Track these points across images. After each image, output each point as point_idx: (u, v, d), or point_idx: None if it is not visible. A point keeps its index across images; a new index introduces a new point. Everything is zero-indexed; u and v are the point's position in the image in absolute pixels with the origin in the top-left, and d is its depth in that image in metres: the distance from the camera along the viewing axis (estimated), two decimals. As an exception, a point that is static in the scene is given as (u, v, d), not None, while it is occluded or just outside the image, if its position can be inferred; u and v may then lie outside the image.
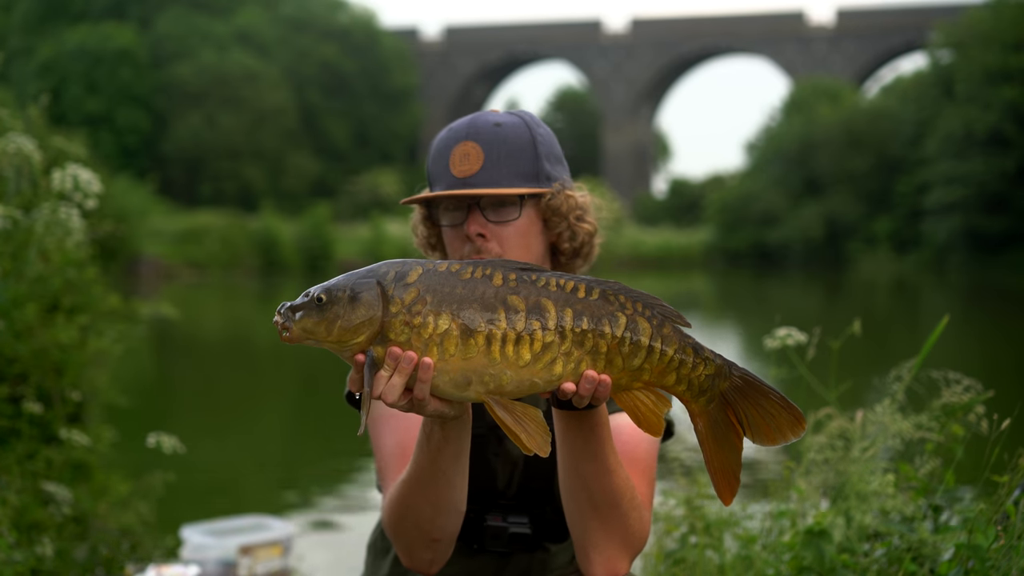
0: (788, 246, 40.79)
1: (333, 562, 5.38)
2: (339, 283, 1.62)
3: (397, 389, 1.60)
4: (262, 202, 40.26)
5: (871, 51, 54.91)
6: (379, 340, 1.61)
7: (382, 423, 2.06)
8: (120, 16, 47.88)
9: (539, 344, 1.61)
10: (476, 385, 1.61)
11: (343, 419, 9.46)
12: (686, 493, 3.15)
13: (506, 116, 2.09)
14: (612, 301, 1.64)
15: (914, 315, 20.83)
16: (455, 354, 1.60)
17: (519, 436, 1.62)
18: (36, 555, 3.33)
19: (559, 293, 1.63)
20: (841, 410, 3.03)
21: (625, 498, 1.86)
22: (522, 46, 59.79)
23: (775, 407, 1.66)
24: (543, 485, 2.11)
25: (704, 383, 1.67)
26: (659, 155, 68.17)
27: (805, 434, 1.67)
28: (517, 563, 2.14)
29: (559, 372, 1.62)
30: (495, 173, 2.03)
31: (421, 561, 1.94)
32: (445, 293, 1.61)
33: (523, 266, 1.66)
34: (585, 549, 1.89)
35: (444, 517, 1.88)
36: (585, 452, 1.81)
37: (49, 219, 3.86)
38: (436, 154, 2.08)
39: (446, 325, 1.60)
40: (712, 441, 1.69)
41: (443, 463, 1.81)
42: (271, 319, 1.63)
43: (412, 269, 1.63)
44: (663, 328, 1.65)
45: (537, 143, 2.07)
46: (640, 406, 1.68)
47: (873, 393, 3.08)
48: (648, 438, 2.02)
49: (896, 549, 2.64)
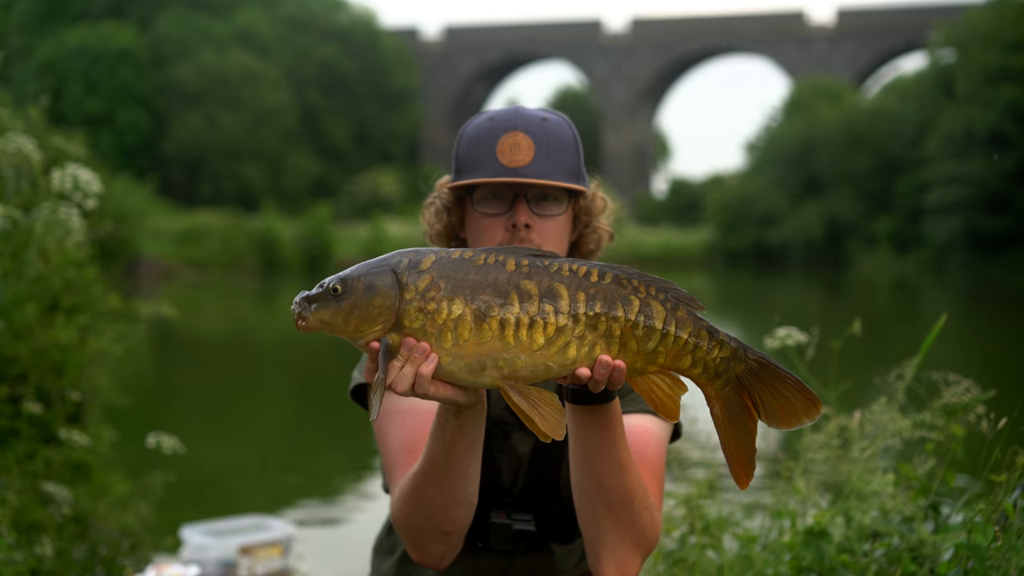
0: (788, 246, 40.77)
1: (333, 562, 5.39)
2: (354, 273, 1.63)
3: (408, 379, 1.60)
4: (262, 202, 40.24)
5: (871, 51, 54.88)
6: (394, 328, 1.62)
7: (389, 419, 2.05)
8: (120, 16, 47.84)
9: (552, 328, 1.61)
10: (491, 370, 1.62)
11: (343, 419, 9.46)
12: (686, 493, 3.15)
13: (549, 113, 2.11)
14: (625, 285, 1.64)
15: (914, 315, 20.82)
16: (469, 339, 1.60)
17: (534, 420, 1.62)
18: (36, 555, 3.33)
19: (572, 278, 1.63)
20: (841, 410, 3.03)
21: (638, 497, 1.86)
22: (522, 46, 59.77)
23: (790, 390, 1.67)
24: (549, 483, 2.10)
25: (720, 366, 1.67)
26: (659, 155, 68.13)
27: (819, 417, 1.67)
28: (523, 564, 2.13)
29: (573, 356, 1.63)
30: (546, 166, 2.04)
31: (432, 555, 1.93)
32: (459, 279, 1.62)
33: (536, 252, 1.66)
34: (597, 549, 1.89)
35: (457, 509, 1.87)
36: (599, 449, 1.82)
37: (49, 219, 3.86)
38: (477, 141, 2.07)
39: (460, 310, 1.60)
40: (728, 424, 1.69)
41: (457, 453, 1.81)
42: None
43: (425, 256, 1.64)
44: (677, 311, 1.65)
45: (578, 143, 2.11)
46: (656, 390, 1.68)
47: (873, 393, 3.08)
48: (657, 439, 2.03)
49: (896, 549, 2.64)
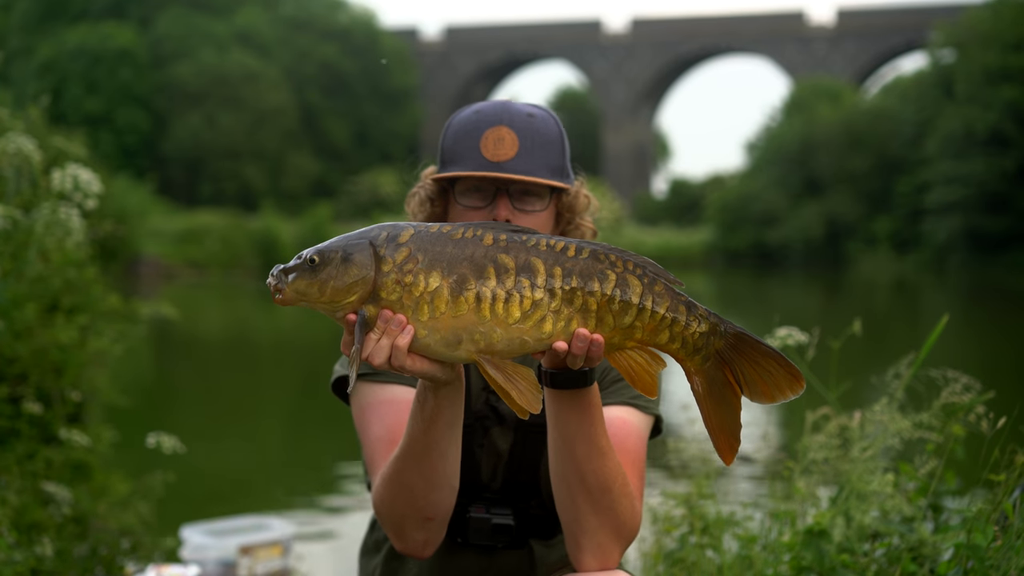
0: (788, 246, 40.75)
1: (333, 562, 5.39)
2: (332, 245, 1.64)
3: (385, 351, 1.61)
4: (262, 202, 40.23)
5: (871, 51, 54.87)
6: (371, 300, 1.62)
7: (370, 411, 2.04)
8: (120, 16, 47.82)
9: (528, 302, 1.62)
10: (467, 344, 1.62)
11: (343, 419, 9.45)
12: (686, 493, 3.15)
13: (536, 109, 2.13)
14: (602, 260, 1.65)
15: (914, 315, 20.82)
16: (445, 312, 1.61)
17: (510, 394, 1.63)
18: (36, 555, 3.33)
19: (549, 252, 1.64)
20: (842, 410, 3.03)
21: (617, 483, 1.85)
22: (522, 46, 59.75)
23: (772, 364, 1.66)
24: (528, 478, 2.10)
25: (698, 341, 1.66)
26: (659, 155, 68.11)
27: (803, 391, 1.66)
28: (503, 562, 2.12)
29: (549, 330, 1.63)
30: (529, 162, 2.05)
31: (414, 543, 1.93)
32: (436, 252, 1.62)
33: (515, 228, 1.67)
34: (576, 536, 1.88)
35: (437, 492, 1.87)
36: (578, 433, 1.81)
37: (49, 219, 3.86)
38: (461, 133, 2.08)
39: (436, 283, 1.61)
40: (709, 400, 1.68)
41: (436, 433, 1.80)
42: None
43: (404, 230, 1.65)
44: (654, 286, 1.65)
45: (564, 140, 2.12)
46: (634, 365, 1.68)
47: (873, 393, 3.08)
48: (638, 431, 2.03)
49: (896, 549, 2.64)
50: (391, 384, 2.04)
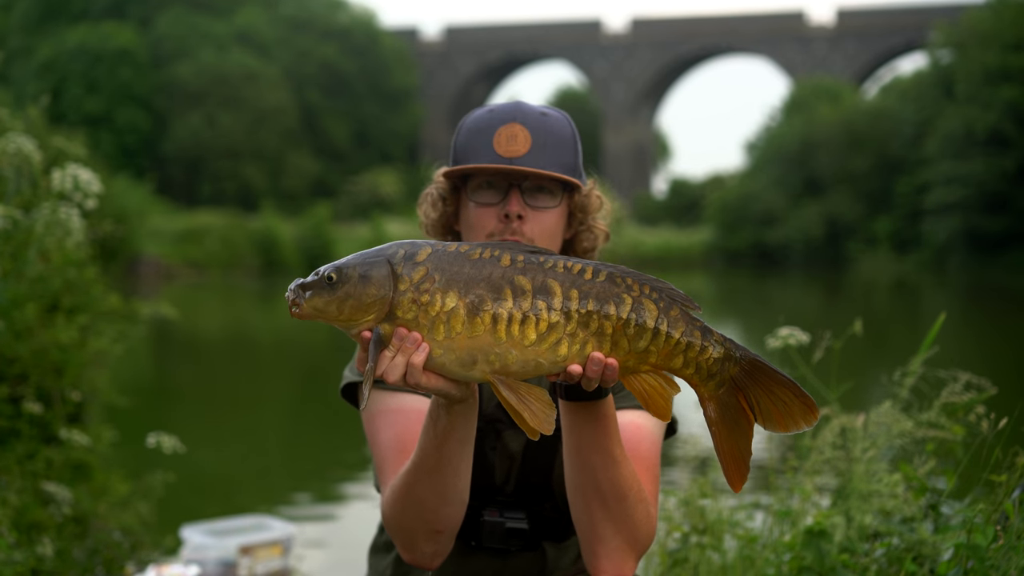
0: (788, 246, 40.76)
1: (333, 562, 5.38)
2: (350, 262, 1.63)
3: (399, 368, 1.61)
4: (262, 202, 40.22)
5: (871, 51, 54.87)
6: (387, 318, 1.62)
7: (380, 418, 2.04)
8: (120, 16, 47.82)
9: (544, 324, 1.61)
10: (482, 364, 1.62)
11: (343, 419, 9.45)
12: (687, 493, 3.15)
13: (549, 109, 2.13)
14: (619, 283, 1.64)
15: (914, 315, 20.81)
16: (461, 332, 1.61)
17: (522, 415, 1.62)
18: (36, 555, 3.33)
19: (566, 275, 1.63)
20: (842, 410, 3.03)
21: (632, 491, 1.85)
22: (522, 46, 59.75)
23: (787, 394, 1.64)
24: (541, 481, 2.09)
25: (713, 367, 1.65)
26: (659, 155, 68.11)
27: (816, 423, 1.65)
28: (517, 564, 2.12)
29: (564, 353, 1.62)
30: (541, 158, 2.05)
31: (423, 555, 1.92)
32: (453, 272, 1.62)
33: (532, 249, 1.66)
34: (592, 545, 1.88)
35: (448, 507, 1.86)
36: (593, 443, 1.81)
37: (49, 219, 3.86)
38: (475, 131, 2.08)
39: (453, 303, 1.60)
40: (722, 426, 1.67)
41: (449, 450, 1.80)
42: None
43: (421, 249, 1.64)
44: (670, 311, 1.64)
45: (576, 140, 2.11)
46: (648, 389, 1.67)
47: (874, 392, 3.08)
48: (651, 436, 2.02)
49: (896, 549, 2.64)
50: (401, 392, 2.04)
